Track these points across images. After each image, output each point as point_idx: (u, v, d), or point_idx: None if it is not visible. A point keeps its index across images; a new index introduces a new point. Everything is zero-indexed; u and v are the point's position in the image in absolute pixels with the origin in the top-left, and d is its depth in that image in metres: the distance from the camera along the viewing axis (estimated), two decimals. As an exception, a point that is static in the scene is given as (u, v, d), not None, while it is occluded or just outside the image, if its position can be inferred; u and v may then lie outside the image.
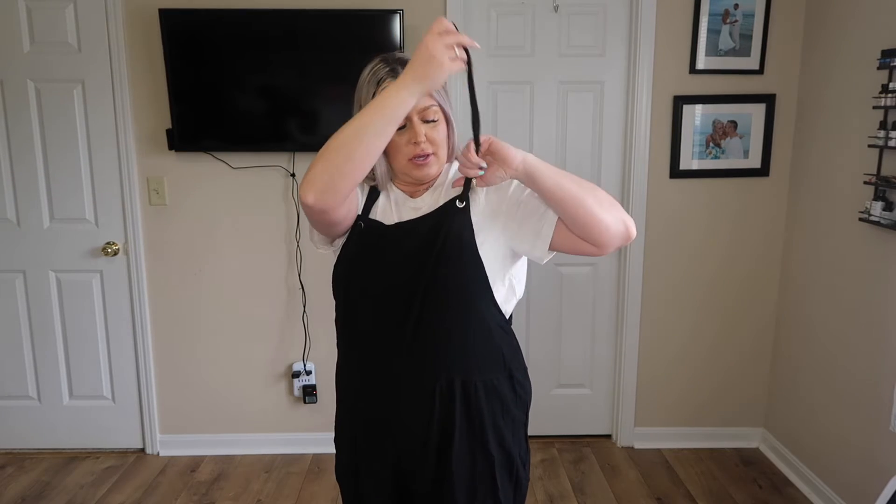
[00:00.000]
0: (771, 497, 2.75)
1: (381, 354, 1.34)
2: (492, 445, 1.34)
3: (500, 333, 1.36)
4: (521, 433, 1.41)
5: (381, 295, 1.32)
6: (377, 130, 1.18)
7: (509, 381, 1.37)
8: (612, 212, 1.23)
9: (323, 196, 1.20)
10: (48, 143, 2.86)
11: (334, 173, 1.19)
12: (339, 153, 1.19)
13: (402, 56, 1.31)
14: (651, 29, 2.80)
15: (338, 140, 1.20)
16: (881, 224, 2.26)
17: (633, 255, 2.99)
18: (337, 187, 1.21)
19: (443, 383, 1.31)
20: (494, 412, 1.34)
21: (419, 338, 1.30)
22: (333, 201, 1.22)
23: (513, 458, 1.37)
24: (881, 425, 2.31)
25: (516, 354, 1.41)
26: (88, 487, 2.83)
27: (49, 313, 3.00)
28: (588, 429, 3.22)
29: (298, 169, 2.88)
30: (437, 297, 1.28)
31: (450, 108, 1.33)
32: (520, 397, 1.39)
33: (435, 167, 1.34)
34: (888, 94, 2.21)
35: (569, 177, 1.24)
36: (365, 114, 1.19)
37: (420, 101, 1.22)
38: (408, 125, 1.28)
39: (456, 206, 1.29)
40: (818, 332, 2.70)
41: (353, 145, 1.18)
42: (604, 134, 2.95)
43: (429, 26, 1.16)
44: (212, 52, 2.72)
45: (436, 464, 1.34)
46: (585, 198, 1.21)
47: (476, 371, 1.32)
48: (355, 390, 1.42)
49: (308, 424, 3.08)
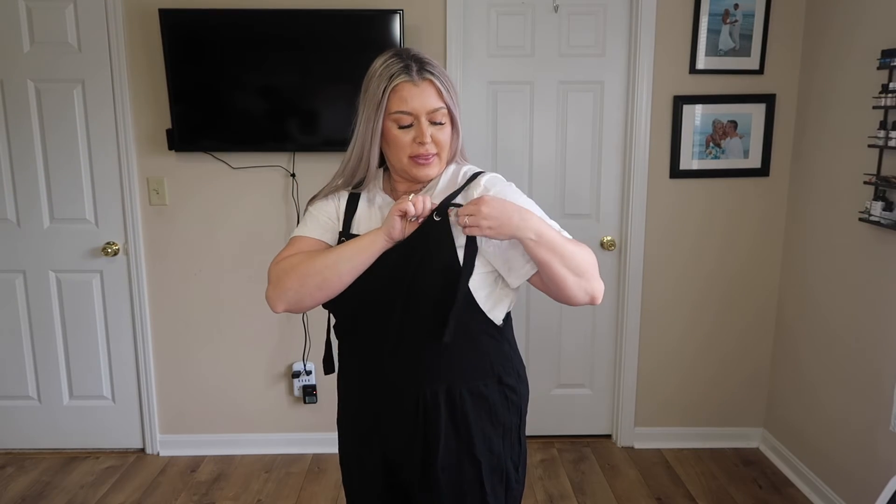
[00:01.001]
0: (771, 497, 2.75)
1: (372, 364, 1.37)
2: (479, 451, 1.34)
3: (486, 340, 1.35)
4: (514, 437, 1.41)
5: (368, 307, 1.33)
6: (353, 268, 1.27)
7: (498, 387, 1.36)
8: (581, 282, 1.28)
9: (290, 308, 1.32)
10: (48, 144, 2.86)
11: (305, 295, 1.30)
12: (314, 279, 1.28)
13: (417, 53, 1.31)
14: (651, 29, 2.80)
15: (315, 266, 1.28)
16: (881, 224, 2.26)
17: (633, 255, 2.99)
18: (305, 305, 1.32)
19: (426, 393, 1.32)
20: (482, 418, 1.34)
21: (402, 348, 1.32)
22: (306, 308, 1.33)
23: (503, 463, 1.38)
24: (881, 425, 2.31)
25: (508, 359, 1.40)
26: (88, 487, 2.83)
27: (49, 313, 3.00)
28: (588, 429, 3.22)
29: (298, 169, 2.88)
30: (415, 307, 1.29)
31: (458, 112, 1.33)
32: (511, 402, 1.39)
33: (436, 168, 1.34)
34: (888, 94, 2.21)
35: (559, 248, 1.25)
36: (346, 251, 1.28)
37: (430, 101, 1.27)
38: (414, 124, 1.28)
39: (433, 218, 1.27)
40: (818, 332, 2.70)
41: (328, 276, 1.27)
42: (604, 134, 2.95)
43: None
44: (212, 52, 2.72)
45: (422, 470, 1.35)
46: (567, 276, 1.27)
47: (461, 378, 1.33)
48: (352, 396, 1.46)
49: (308, 424, 3.08)
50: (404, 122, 1.28)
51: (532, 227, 1.22)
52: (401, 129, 1.29)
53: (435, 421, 1.32)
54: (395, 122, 1.29)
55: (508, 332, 1.42)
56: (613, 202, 3.00)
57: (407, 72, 1.26)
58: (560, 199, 2.98)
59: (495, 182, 1.33)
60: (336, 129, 2.75)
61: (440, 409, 1.32)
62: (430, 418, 1.33)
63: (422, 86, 1.27)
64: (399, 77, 1.26)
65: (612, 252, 3.04)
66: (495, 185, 1.33)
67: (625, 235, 3.00)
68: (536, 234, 1.22)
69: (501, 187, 1.33)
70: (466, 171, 1.37)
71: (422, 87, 1.27)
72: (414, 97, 1.26)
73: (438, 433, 1.32)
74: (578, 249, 1.28)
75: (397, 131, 1.29)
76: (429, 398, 1.32)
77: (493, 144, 2.95)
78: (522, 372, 1.45)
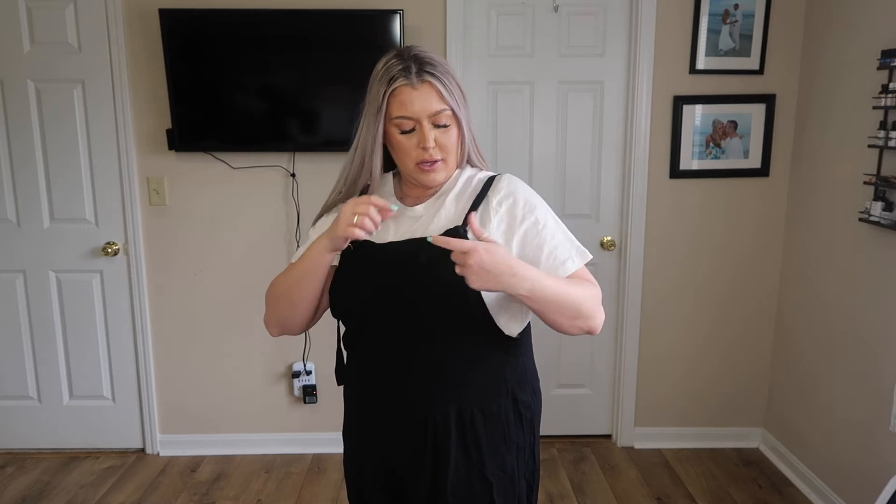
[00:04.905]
0: (771, 497, 2.75)
1: (379, 378, 1.31)
2: (489, 471, 1.28)
3: (500, 357, 1.29)
4: (526, 454, 1.34)
5: (376, 320, 1.28)
6: (307, 282, 1.27)
7: (513, 405, 1.31)
8: (577, 322, 1.23)
9: (283, 331, 1.34)
10: (48, 144, 2.86)
11: (285, 315, 1.32)
12: (281, 302, 1.31)
13: (419, 52, 1.24)
14: (651, 29, 2.80)
15: (278, 290, 1.31)
16: (881, 224, 2.26)
17: (633, 255, 2.99)
18: (292, 325, 1.33)
19: (436, 414, 1.26)
20: (495, 438, 1.28)
21: (413, 368, 1.26)
22: (295, 329, 1.34)
23: (515, 481, 1.32)
24: (881, 425, 2.31)
25: (524, 374, 1.34)
26: (88, 487, 2.83)
27: (49, 313, 3.00)
28: (588, 429, 3.22)
29: (298, 169, 2.88)
30: (420, 325, 1.23)
31: (464, 114, 1.26)
32: (525, 419, 1.33)
33: (442, 174, 1.27)
34: (888, 94, 2.21)
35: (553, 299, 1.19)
36: (296, 267, 1.28)
37: (431, 104, 1.22)
38: (417, 128, 1.23)
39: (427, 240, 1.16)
40: (818, 332, 2.70)
41: (291, 295, 1.29)
42: (604, 134, 2.95)
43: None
44: (212, 51, 2.72)
45: (430, 489, 1.28)
46: (561, 322, 1.22)
47: (473, 398, 1.27)
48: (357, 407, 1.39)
49: (308, 424, 3.08)
50: (406, 126, 1.23)
51: (524, 285, 1.14)
52: (403, 135, 1.23)
53: (445, 443, 1.26)
54: (397, 127, 1.23)
55: (526, 344, 1.36)
56: (613, 202, 3.00)
57: (406, 74, 1.20)
58: (560, 199, 2.98)
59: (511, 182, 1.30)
60: (336, 129, 2.75)
61: (451, 431, 1.26)
62: (440, 441, 1.26)
63: (421, 88, 1.21)
64: (398, 80, 1.20)
65: (612, 252, 3.04)
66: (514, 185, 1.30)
67: (625, 235, 3.00)
68: (529, 291, 1.14)
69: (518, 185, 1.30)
70: (483, 175, 1.32)
71: (421, 89, 1.21)
72: (414, 101, 1.21)
73: (449, 455, 1.26)
74: (577, 292, 1.22)
75: (400, 136, 1.24)
76: (438, 418, 1.26)
77: (493, 144, 2.95)
78: (537, 385, 1.39)
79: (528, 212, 1.27)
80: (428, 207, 1.30)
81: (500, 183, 1.29)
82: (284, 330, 1.34)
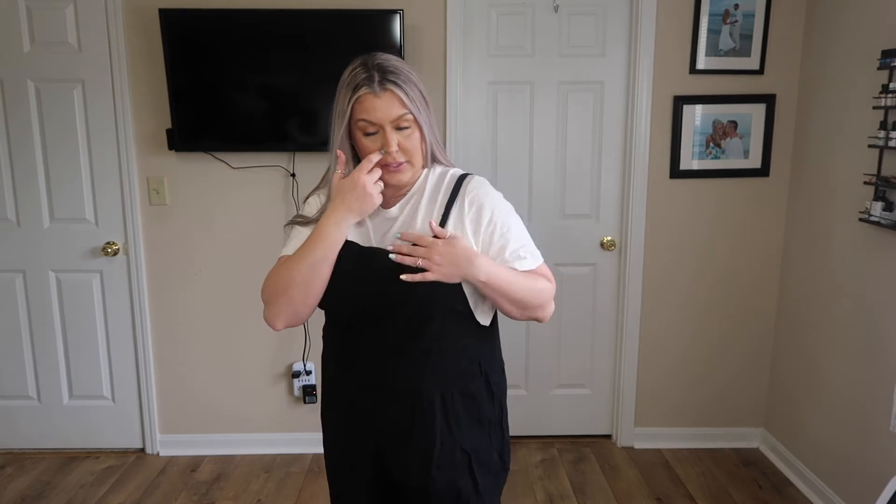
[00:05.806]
0: (771, 497, 2.75)
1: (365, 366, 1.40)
2: (469, 447, 1.40)
3: (476, 344, 1.41)
4: (497, 428, 1.46)
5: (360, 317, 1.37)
6: (328, 261, 1.32)
7: (486, 384, 1.43)
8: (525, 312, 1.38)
9: (290, 323, 1.37)
10: (48, 143, 2.86)
11: (299, 306, 1.34)
12: (298, 289, 1.32)
13: (382, 61, 1.30)
14: (651, 29, 2.80)
15: (293, 276, 1.32)
16: (881, 224, 2.26)
17: (633, 255, 2.99)
18: (302, 315, 1.36)
19: (423, 401, 1.37)
20: (471, 416, 1.41)
21: (401, 362, 1.36)
22: (304, 316, 1.37)
23: (490, 453, 1.44)
24: (881, 425, 2.31)
25: (493, 355, 1.47)
26: (88, 487, 2.83)
27: (49, 313, 3.00)
28: (588, 429, 3.22)
29: (298, 169, 2.88)
30: (400, 320, 1.34)
31: (423, 117, 1.33)
32: (495, 397, 1.45)
33: (408, 174, 1.35)
34: (888, 94, 2.21)
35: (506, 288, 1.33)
36: (314, 249, 1.31)
37: (393, 110, 1.29)
38: (380, 132, 1.30)
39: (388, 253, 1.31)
40: (818, 332, 2.70)
41: (309, 280, 1.31)
42: (604, 134, 2.95)
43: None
44: (212, 51, 2.72)
45: (418, 462, 1.38)
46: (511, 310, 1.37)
47: (455, 382, 1.39)
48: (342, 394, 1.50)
49: (308, 424, 3.08)
50: (369, 129, 1.30)
51: (482, 272, 1.29)
52: (367, 137, 1.31)
53: (431, 422, 1.37)
54: (361, 129, 1.31)
55: (495, 330, 1.48)
56: (613, 202, 3.00)
57: (369, 83, 1.27)
58: (560, 199, 2.98)
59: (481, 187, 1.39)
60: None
61: (435, 413, 1.37)
62: (426, 420, 1.37)
63: (384, 96, 1.28)
64: (361, 89, 1.28)
65: (611, 252, 3.04)
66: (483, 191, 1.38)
67: (625, 235, 3.00)
68: (486, 277, 1.30)
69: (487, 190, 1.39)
70: (453, 173, 1.41)
71: (384, 97, 1.28)
72: (377, 108, 1.28)
73: (434, 433, 1.37)
74: (528, 284, 1.35)
75: (365, 139, 1.32)
76: (425, 404, 1.37)
77: (493, 144, 2.95)
78: (503, 366, 1.52)
79: (493, 215, 1.37)
80: (402, 207, 1.39)
81: (469, 184, 1.39)
82: (293, 320, 1.36)
